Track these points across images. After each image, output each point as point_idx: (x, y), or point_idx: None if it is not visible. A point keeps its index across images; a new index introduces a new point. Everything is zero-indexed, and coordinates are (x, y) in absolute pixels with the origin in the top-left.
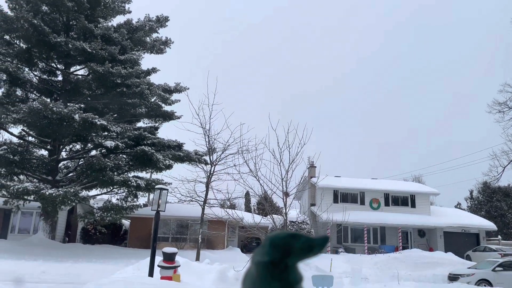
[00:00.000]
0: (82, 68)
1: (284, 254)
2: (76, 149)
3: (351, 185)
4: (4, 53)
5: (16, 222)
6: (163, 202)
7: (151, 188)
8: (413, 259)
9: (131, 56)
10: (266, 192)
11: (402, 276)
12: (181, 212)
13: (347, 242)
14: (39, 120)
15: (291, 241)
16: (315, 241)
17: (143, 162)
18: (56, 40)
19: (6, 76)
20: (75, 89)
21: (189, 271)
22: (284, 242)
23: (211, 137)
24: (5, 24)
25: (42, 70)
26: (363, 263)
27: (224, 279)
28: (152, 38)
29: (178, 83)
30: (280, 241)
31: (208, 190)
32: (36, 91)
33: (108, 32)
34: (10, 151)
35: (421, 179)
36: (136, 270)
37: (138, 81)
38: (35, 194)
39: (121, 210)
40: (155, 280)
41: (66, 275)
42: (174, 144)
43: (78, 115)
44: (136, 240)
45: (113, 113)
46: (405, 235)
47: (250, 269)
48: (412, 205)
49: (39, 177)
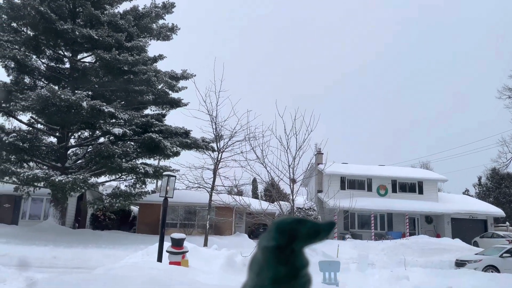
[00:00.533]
0: (89, 56)
1: (291, 239)
2: (84, 136)
3: (358, 172)
4: (12, 40)
5: (26, 208)
6: (171, 189)
7: (159, 175)
8: (420, 245)
9: (138, 43)
10: (273, 179)
11: (409, 262)
12: (189, 198)
13: (354, 229)
14: (47, 108)
15: (297, 226)
16: (322, 226)
17: (150, 149)
18: (63, 27)
19: (14, 64)
20: (83, 77)
21: (197, 257)
22: (291, 227)
23: (218, 124)
24: (12, 12)
25: (49, 57)
26: (370, 249)
27: (231, 264)
28: (158, 25)
29: (185, 70)
30: (287, 226)
31: (215, 177)
32: (44, 78)
33: (115, 19)
34: (20, 139)
35: (429, 166)
36: (145, 255)
37: (145, 68)
38: (45, 180)
39: (129, 197)
40: (164, 265)
41: (76, 260)
42: (181, 131)
43: (86, 102)
44: (145, 226)
45: (120, 100)
46: (412, 222)
47: (256, 254)
48: (420, 192)
49: (49, 164)
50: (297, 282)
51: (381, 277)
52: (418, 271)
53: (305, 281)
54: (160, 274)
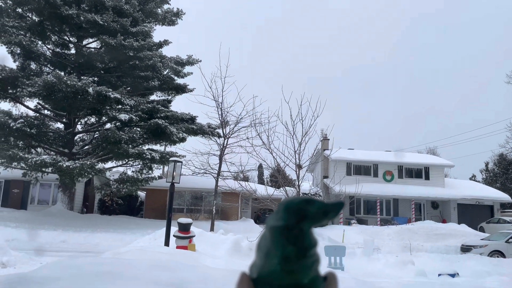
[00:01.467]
0: (94, 41)
1: (299, 219)
2: (91, 122)
3: (364, 158)
4: (17, 26)
5: (35, 194)
6: (178, 174)
7: (166, 160)
8: (425, 231)
9: (143, 28)
10: (279, 165)
11: (415, 247)
12: (195, 184)
13: (359, 214)
14: (53, 94)
15: (306, 206)
16: (330, 206)
17: (157, 135)
18: (68, 12)
19: (20, 50)
20: (88, 62)
21: (203, 241)
22: (299, 207)
23: (224, 110)
24: None
25: (55, 43)
26: (376, 234)
27: (238, 248)
28: (163, 10)
29: (190, 55)
30: (295, 206)
31: (221, 162)
32: (50, 64)
33: (119, 4)
34: (27, 124)
35: (436, 152)
36: (153, 240)
37: (150, 54)
38: (53, 166)
39: (136, 182)
40: (171, 249)
41: (85, 244)
42: (187, 117)
43: (92, 88)
44: (152, 211)
45: (126, 86)
46: (418, 207)
47: (264, 233)
48: (426, 177)
49: (56, 150)
50: (306, 261)
51: (387, 262)
52: (424, 256)
53: (313, 260)
54: (167, 258)
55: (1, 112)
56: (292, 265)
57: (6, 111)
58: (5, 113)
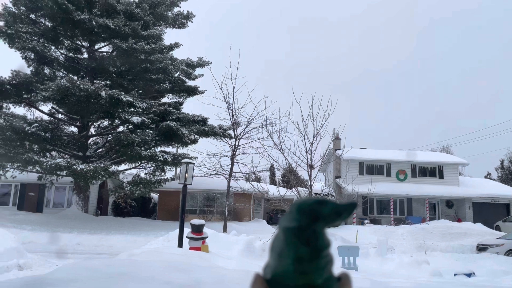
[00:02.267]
0: (106, 45)
1: (312, 219)
2: (104, 126)
3: (377, 157)
4: (31, 32)
5: (50, 197)
6: (190, 176)
7: (178, 162)
8: (440, 230)
9: (154, 31)
10: (291, 165)
11: (429, 247)
12: (207, 185)
13: (373, 214)
14: (67, 98)
15: (318, 207)
16: (343, 207)
17: (169, 137)
18: (80, 17)
19: (34, 55)
20: (101, 66)
21: (216, 242)
22: (312, 207)
23: (235, 111)
24: (30, 3)
25: (68, 48)
26: (390, 234)
27: (250, 249)
28: (173, 12)
29: (201, 57)
30: (308, 207)
31: (233, 163)
32: (63, 69)
33: (130, 8)
34: (42, 129)
35: (450, 150)
36: (166, 241)
37: (161, 57)
38: (67, 169)
39: (149, 184)
40: (184, 250)
41: (100, 246)
42: (198, 119)
43: (104, 92)
44: (165, 213)
45: (138, 89)
46: (433, 206)
47: (278, 235)
48: (440, 176)
49: (70, 153)
50: (319, 262)
51: (401, 262)
52: (439, 256)
53: (327, 261)
54: (181, 259)
55: (16, 117)
56: (306, 266)
57: (21, 116)
58: (20, 118)
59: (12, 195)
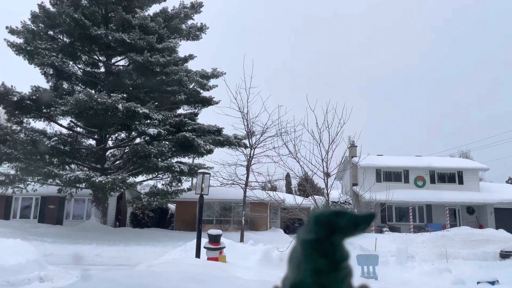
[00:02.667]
0: (122, 59)
1: (329, 231)
2: (121, 138)
3: (394, 163)
4: (49, 48)
5: (70, 209)
6: (206, 186)
7: (194, 172)
8: (462, 237)
9: (168, 44)
10: (307, 173)
11: (451, 254)
12: (223, 195)
13: (391, 221)
14: (85, 111)
15: (336, 218)
16: (361, 218)
17: (185, 148)
18: (97, 32)
19: (52, 70)
20: (117, 80)
21: (234, 252)
22: (329, 219)
23: (249, 121)
24: (48, 20)
25: (85, 62)
26: (409, 242)
27: (268, 259)
28: (187, 25)
29: (215, 68)
30: (325, 219)
31: (248, 173)
32: (81, 83)
33: (145, 22)
34: (61, 142)
35: (469, 155)
36: (184, 252)
37: (176, 69)
38: (86, 181)
39: (166, 195)
40: (202, 261)
41: (118, 257)
42: (213, 129)
43: (121, 104)
44: (182, 223)
45: (154, 101)
46: (453, 213)
47: (295, 247)
48: (460, 182)
49: (89, 166)
50: (338, 274)
51: (422, 270)
52: (461, 264)
53: (346, 273)
54: (199, 270)
55: (36, 131)
56: (324, 279)
57: (41, 130)
58: (40, 132)
59: (33, 208)
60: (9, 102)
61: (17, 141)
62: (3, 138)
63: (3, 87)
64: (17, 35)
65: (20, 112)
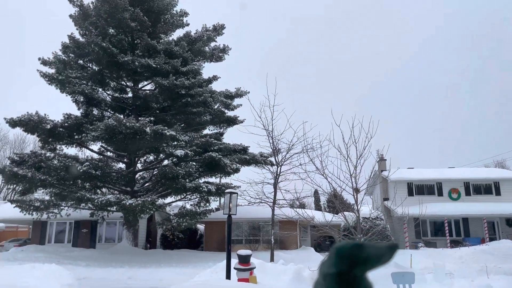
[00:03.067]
0: (149, 83)
1: (352, 264)
2: (150, 160)
3: (426, 176)
4: (80, 76)
5: (102, 232)
6: (234, 205)
7: (222, 192)
8: (502, 251)
9: (193, 66)
10: (335, 190)
11: (492, 270)
12: (252, 214)
13: (426, 237)
14: (115, 136)
15: (358, 251)
16: (383, 250)
17: (211, 168)
18: (124, 59)
19: (83, 98)
20: (144, 104)
21: (264, 272)
22: (351, 252)
23: (274, 138)
24: (78, 50)
25: (113, 88)
26: (446, 258)
27: (300, 279)
28: (210, 47)
29: (239, 87)
30: (347, 252)
31: (276, 190)
32: (110, 108)
33: (170, 47)
34: (92, 167)
35: (505, 164)
36: (214, 273)
37: (201, 90)
38: (117, 205)
39: (195, 215)
40: (233, 282)
41: (150, 280)
42: (239, 148)
43: (149, 128)
44: (212, 244)
45: (180, 123)
46: (492, 226)
47: (318, 280)
48: (497, 193)
49: (119, 189)
50: None
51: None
52: (503, 279)
53: None
54: None
55: (69, 157)
56: None
57: (74, 156)
58: (73, 158)
59: (67, 233)
60: (43, 130)
61: (51, 167)
62: (38, 165)
63: (37, 116)
64: (49, 66)
65: (53, 139)
